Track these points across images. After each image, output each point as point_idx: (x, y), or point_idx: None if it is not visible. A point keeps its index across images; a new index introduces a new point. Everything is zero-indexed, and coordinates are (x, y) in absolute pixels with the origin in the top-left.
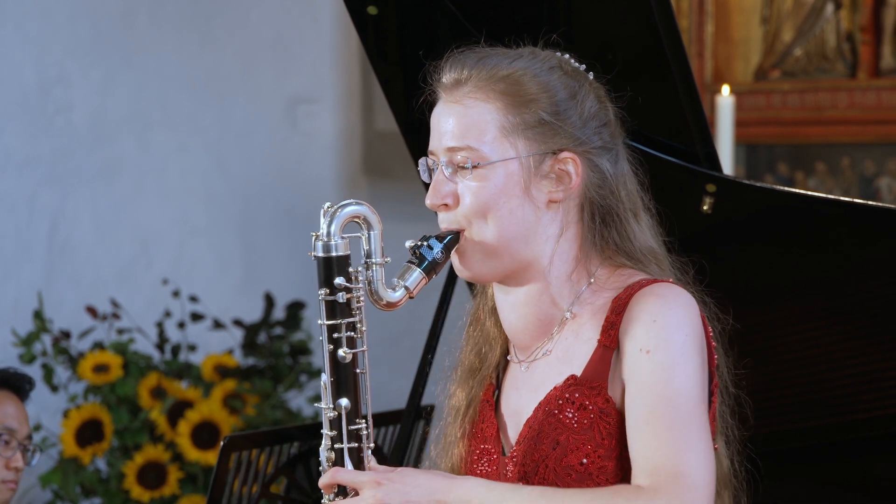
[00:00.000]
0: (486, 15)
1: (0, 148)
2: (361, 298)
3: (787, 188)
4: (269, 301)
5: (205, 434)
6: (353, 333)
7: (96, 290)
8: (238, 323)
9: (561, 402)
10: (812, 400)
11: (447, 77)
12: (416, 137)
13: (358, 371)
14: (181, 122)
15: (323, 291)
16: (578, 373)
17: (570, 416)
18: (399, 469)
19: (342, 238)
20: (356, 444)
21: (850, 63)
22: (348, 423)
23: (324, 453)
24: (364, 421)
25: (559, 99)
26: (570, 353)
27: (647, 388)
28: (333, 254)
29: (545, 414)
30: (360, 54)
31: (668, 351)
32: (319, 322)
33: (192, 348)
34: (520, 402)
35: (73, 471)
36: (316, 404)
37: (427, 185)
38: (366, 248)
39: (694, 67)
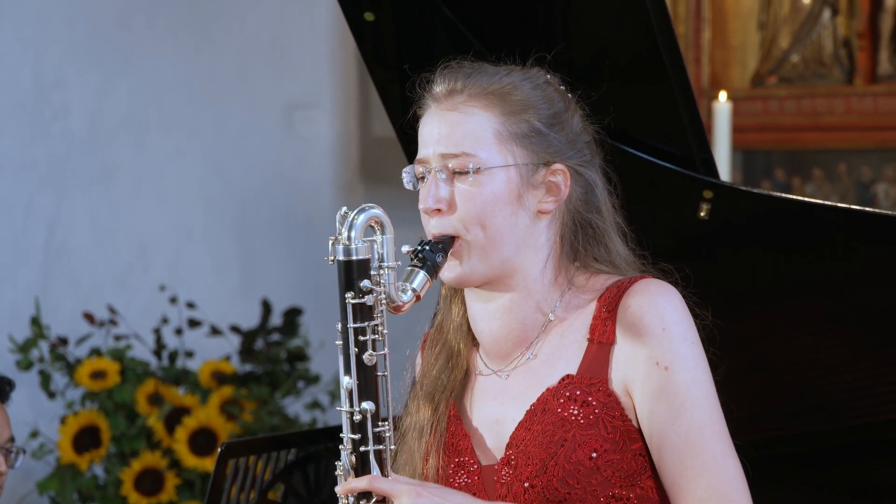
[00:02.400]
0: (483, 21)
1: None
2: (383, 301)
3: (784, 194)
4: (267, 307)
5: (202, 440)
6: (376, 336)
7: (93, 295)
8: (235, 329)
9: (562, 400)
10: (808, 405)
11: (440, 87)
12: (413, 143)
13: (380, 374)
14: (178, 127)
15: (349, 294)
16: (573, 371)
17: (576, 412)
18: (429, 483)
19: (363, 241)
20: (380, 447)
21: (846, 69)
22: (373, 426)
23: (346, 457)
24: (386, 423)
25: (553, 111)
26: (557, 355)
27: (673, 416)
28: (354, 257)
29: (544, 414)
30: (357, 60)
31: (685, 367)
32: (343, 325)
33: (190, 354)
34: (500, 411)
35: (71, 477)
36: (338, 408)
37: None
38: (380, 251)
39: (691, 73)
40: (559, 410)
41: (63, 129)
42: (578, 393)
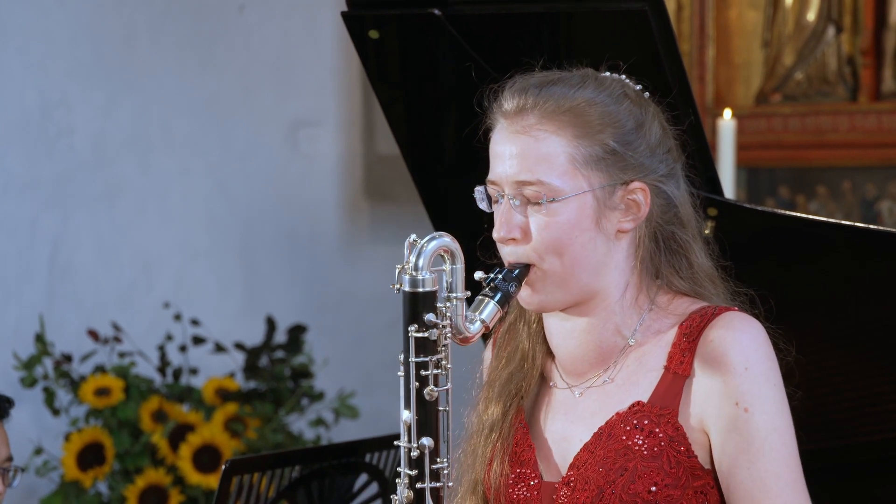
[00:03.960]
0: (487, 39)
1: (1, 171)
2: (448, 335)
3: (788, 211)
4: (271, 324)
5: (206, 457)
6: (439, 371)
7: (98, 313)
8: (239, 346)
9: (628, 427)
10: (812, 424)
11: (509, 104)
12: (417, 160)
13: (441, 409)
14: (182, 145)
15: (413, 328)
16: (645, 399)
17: (640, 442)
18: None
19: (430, 273)
20: (438, 485)
21: (851, 86)
22: (431, 463)
23: (402, 491)
24: (445, 460)
25: (628, 129)
26: (634, 380)
27: (750, 461)
28: (421, 289)
29: (609, 439)
30: (362, 78)
31: (765, 412)
32: (405, 358)
33: (194, 372)
34: (568, 428)
35: (75, 494)
36: (396, 442)
37: (488, 213)
38: (449, 280)
39: (695, 91)
40: (623, 438)
41: (67, 147)
42: (646, 422)
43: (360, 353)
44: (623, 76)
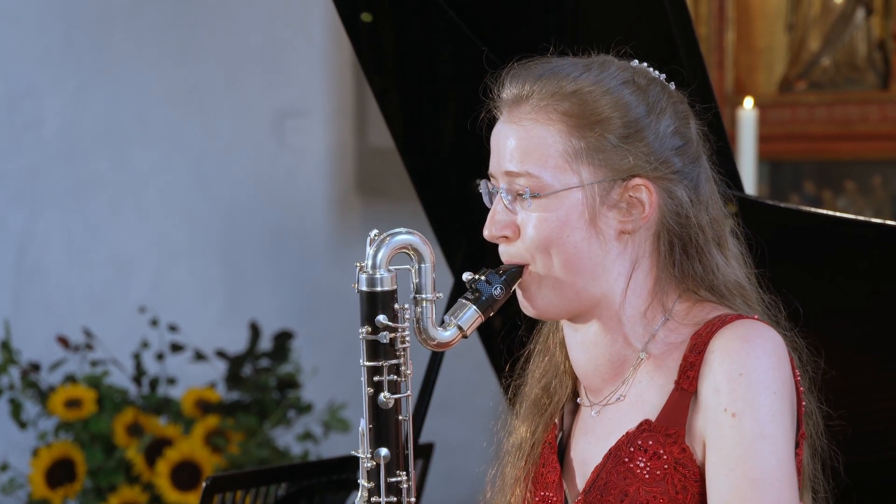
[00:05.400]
0: (489, 23)
1: None
2: (407, 339)
3: (813, 209)
4: (255, 330)
5: (185, 474)
6: (396, 377)
7: (68, 318)
8: (221, 354)
9: (632, 449)
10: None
11: (508, 92)
12: (413, 154)
13: (400, 418)
14: (161, 138)
15: (364, 329)
16: (653, 417)
17: (642, 465)
18: None
19: (388, 271)
20: (395, 499)
21: (881, 73)
22: (388, 475)
23: None
24: (405, 473)
25: (630, 119)
26: (644, 398)
27: (731, 467)
28: (378, 288)
29: (614, 462)
30: (354, 65)
31: (755, 418)
32: (361, 363)
33: (172, 381)
34: (589, 450)
35: None
36: (353, 452)
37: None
38: (415, 281)
39: (714, 78)
40: (626, 460)
41: (36, 140)
42: (651, 443)
43: (352, 362)
44: (637, 62)
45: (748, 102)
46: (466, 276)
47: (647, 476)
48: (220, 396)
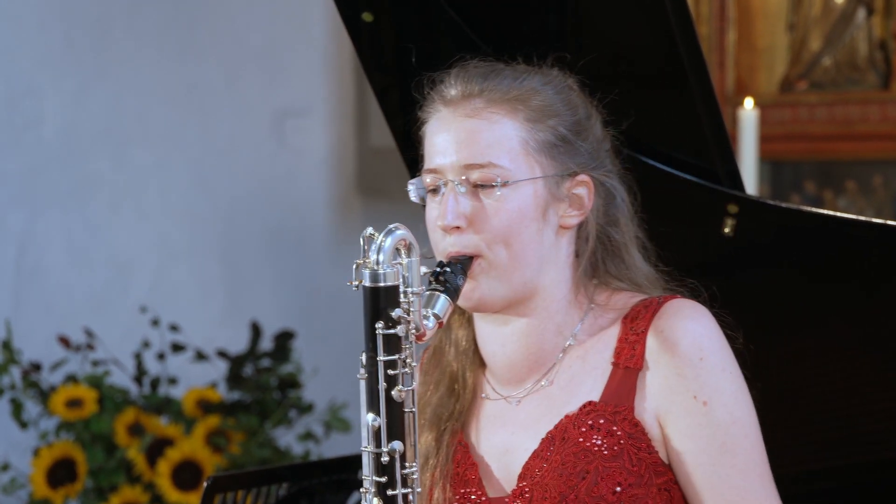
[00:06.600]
0: (490, 23)
1: None
2: (412, 331)
3: (814, 209)
4: (256, 330)
5: (186, 474)
6: (406, 370)
7: (69, 318)
8: (222, 354)
9: (584, 429)
10: (839, 438)
11: (454, 90)
12: (414, 153)
13: (407, 411)
14: (160, 138)
15: (380, 324)
16: (596, 398)
17: (599, 442)
18: None
19: (391, 266)
20: (408, 490)
21: (882, 73)
22: (401, 468)
23: (371, 500)
24: (414, 464)
25: (577, 118)
26: (578, 381)
27: (714, 458)
28: (382, 283)
29: (564, 443)
30: (354, 64)
31: (725, 403)
32: (369, 357)
33: (173, 381)
34: (510, 440)
35: None
36: (362, 448)
37: (423, 206)
38: (405, 274)
39: (714, 78)
40: (581, 440)
41: (36, 139)
42: (602, 422)
43: (353, 362)
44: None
45: (749, 102)
46: (423, 269)
47: (605, 452)
48: (221, 396)
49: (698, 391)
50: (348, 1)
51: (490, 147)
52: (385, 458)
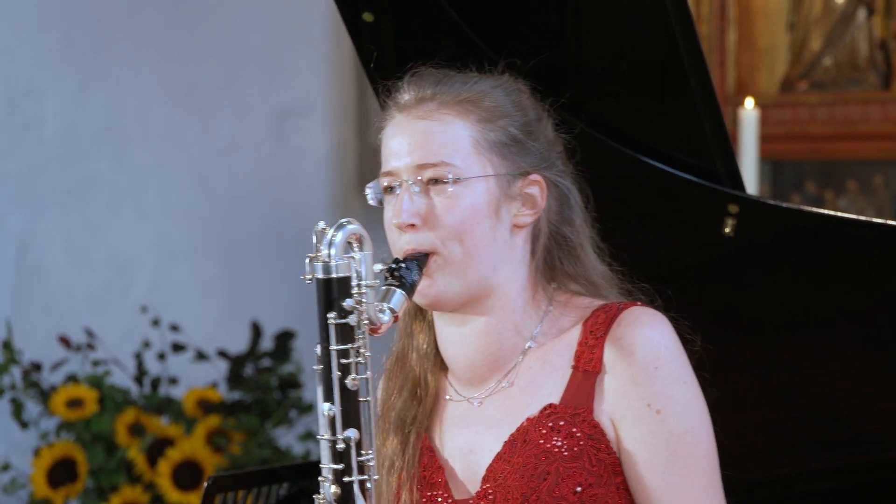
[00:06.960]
0: (490, 23)
1: None
2: (365, 322)
3: (815, 209)
4: (256, 330)
5: (187, 474)
6: (359, 359)
7: (69, 318)
8: (222, 354)
9: (544, 430)
10: (839, 438)
11: (408, 96)
12: None
13: (363, 399)
14: (160, 138)
15: (332, 315)
16: (556, 400)
17: (559, 444)
18: None
19: (342, 259)
20: (364, 477)
21: (882, 73)
22: (357, 455)
23: (329, 488)
24: (370, 452)
25: (528, 119)
26: (539, 382)
27: (664, 465)
28: (334, 275)
29: (525, 445)
30: (355, 64)
31: (678, 413)
32: (323, 348)
33: (173, 381)
34: (474, 440)
35: None
36: (318, 437)
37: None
38: (358, 269)
39: (715, 78)
40: (541, 442)
41: (36, 139)
42: (562, 423)
43: None
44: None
45: (749, 102)
46: (379, 266)
47: (566, 454)
48: (222, 396)
49: (652, 399)
50: (348, 1)
51: (442, 147)
52: (341, 446)
